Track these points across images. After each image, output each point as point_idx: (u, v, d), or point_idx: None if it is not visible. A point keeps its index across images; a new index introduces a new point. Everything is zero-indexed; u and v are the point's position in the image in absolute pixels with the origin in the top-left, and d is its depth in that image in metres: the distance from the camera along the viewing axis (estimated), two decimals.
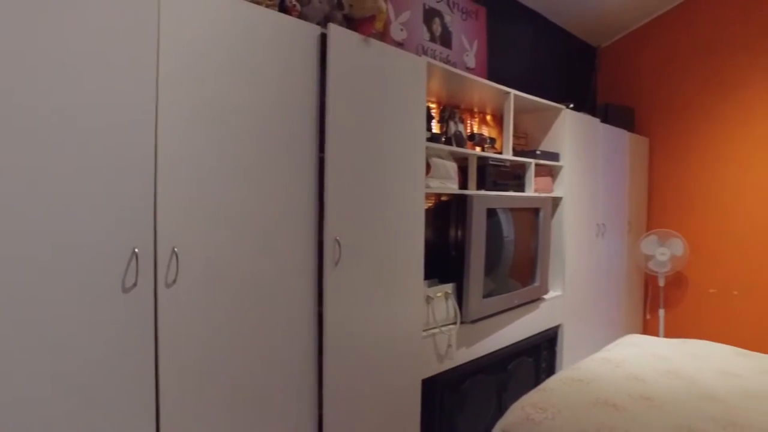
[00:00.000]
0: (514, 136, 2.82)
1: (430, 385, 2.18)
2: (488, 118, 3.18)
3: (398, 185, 1.99)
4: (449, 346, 2.27)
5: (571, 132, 3.18)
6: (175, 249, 1.33)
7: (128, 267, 1.25)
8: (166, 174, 1.32)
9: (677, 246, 3.95)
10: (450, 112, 2.60)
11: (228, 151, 1.46)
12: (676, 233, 4.00)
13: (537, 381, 2.97)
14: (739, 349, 2.44)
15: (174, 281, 1.33)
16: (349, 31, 1.78)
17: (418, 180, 2.10)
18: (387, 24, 2.50)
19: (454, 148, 2.37)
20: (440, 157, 2.32)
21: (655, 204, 4.39)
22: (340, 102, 1.74)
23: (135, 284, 1.26)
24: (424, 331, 2.16)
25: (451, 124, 2.53)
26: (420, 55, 2.33)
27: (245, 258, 1.50)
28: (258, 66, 1.53)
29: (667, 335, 4.18)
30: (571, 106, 3.18)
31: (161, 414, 1.31)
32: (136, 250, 1.25)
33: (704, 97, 4.12)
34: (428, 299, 2.23)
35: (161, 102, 1.31)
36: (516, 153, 2.84)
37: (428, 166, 2.22)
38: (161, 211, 1.31)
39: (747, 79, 3.92)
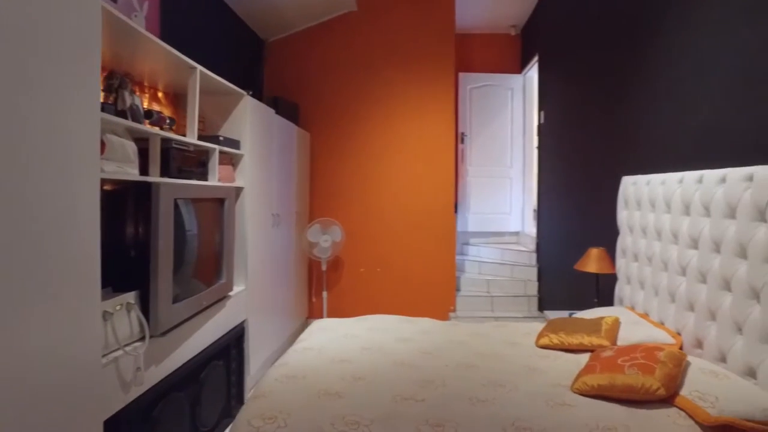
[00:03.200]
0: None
1: (114, 425, 1.71)
2: (160, 95, 2.75)
3: (59, 165, 1.45)
4: (138, 368, 1.83)
5: (251, 120, 3.07)
6: None
7: None
8: None
9: (336, 233, 4.37)
10: (121, 80, 2.09)
11: None
12: (335, 221, 4.43)
13: (229, 384, 2.77)
14: (404, 317, 2.84)
15: None
16: None
17: (90, 160, 1.59)
18: None
19: (135, 125, 1.92)
20: (116, 134, 1.83)
21: (317, 194, 4.77)
22: None
23: None
24: (103, 356, 1.68)
25: (126, 95, 2.04)
26: None
27: None
28: None
29: (330, 314, 4.60)
30: (251, 93, 3.07)
31: None
32: None
33: (358, 101, 4.69)
34: (106, 315, 1.74)
35: None
36: (199, 138, 2.54)
37: (102, 145, 1.72)
38: None
39: (391, 89, 4.67)
